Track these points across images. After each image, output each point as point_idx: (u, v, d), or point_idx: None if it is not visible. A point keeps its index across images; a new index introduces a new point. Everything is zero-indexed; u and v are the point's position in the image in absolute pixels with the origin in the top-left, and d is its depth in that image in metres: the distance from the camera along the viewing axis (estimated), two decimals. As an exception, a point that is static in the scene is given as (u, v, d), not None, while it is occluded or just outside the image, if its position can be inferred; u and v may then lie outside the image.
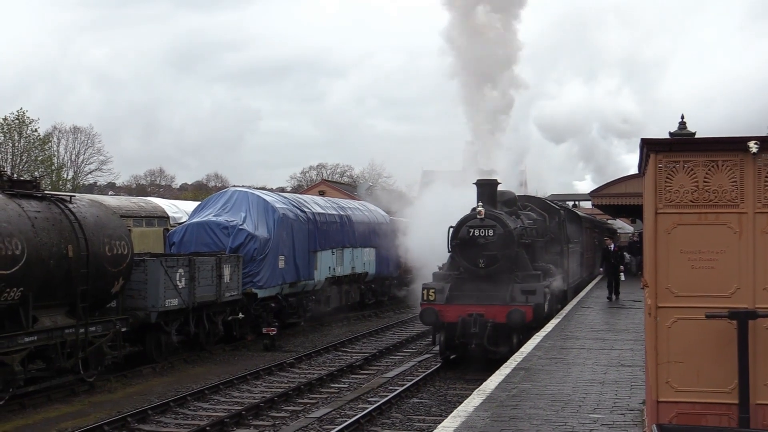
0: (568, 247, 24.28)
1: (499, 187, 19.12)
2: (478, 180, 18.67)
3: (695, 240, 6.96)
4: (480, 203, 18.04)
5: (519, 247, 18.26)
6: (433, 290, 17.79)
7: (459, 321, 17.01)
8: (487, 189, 18.52)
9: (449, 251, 18.46)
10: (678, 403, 6.93)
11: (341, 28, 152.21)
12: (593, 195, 36.16)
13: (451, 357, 18.21)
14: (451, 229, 18.17)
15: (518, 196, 21.65)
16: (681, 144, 7.51)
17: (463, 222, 18.12)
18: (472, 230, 17.94)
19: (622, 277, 25.58)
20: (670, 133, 32.46)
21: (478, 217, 17.88)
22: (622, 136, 61.75)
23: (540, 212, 22.56)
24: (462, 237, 18.01)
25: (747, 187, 6.87)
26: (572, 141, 60.58)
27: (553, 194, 52.14)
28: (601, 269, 33.58)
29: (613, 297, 24.89)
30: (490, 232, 17.83)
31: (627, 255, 36.19)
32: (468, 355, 17.51)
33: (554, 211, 23.41)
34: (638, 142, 7.54)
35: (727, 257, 6.90)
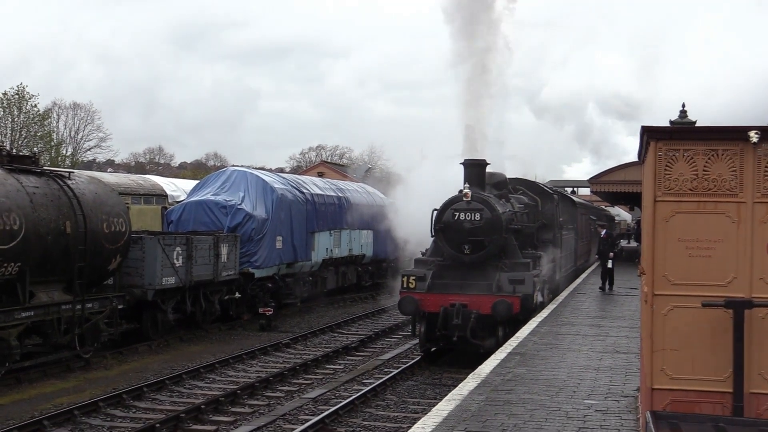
0: (562, 233, 22.97)
1: (489, 168, 17.77)
2: (465, 160, 17.23)
3: (693, 228, 6.95)
4: (467, 185, 16.65)
5: (508, 233, 17.02)
6: (413, 277, 16.50)
7: (441, 311, 15.84)
8: (474, 170, 17.06)
9: (432, 236, 17.17)
10: (672, 391, 6.95)
11: (344, 9, 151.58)
12: (592, 182, 36.20)
13: (432, 350, 17.10)
14: (435, 212, 16.88)
15: (509, 178, 20.22)
16: (681, 132, 7.47)
17: (448, 204, 16.79)
18: (457, 213, 16.59)
19: (609, 264, 24.09)
20: (671, 122, 32.33)
21: (464, 199, 16.55)
22: (622, 117, 61.69)
23: (532, 196, 21.09)
24: (446, 221, 16.67)
25: (746, 177, 6.85)
26: (572, 122, 60.43)
27: (551, 180, 52.08)
28: (596, 256, 33.36)
29: (606, 287, 23.94)
30: (477, 216, 16.51)
31: (622, 242, 35.99)
32: (450, 348, 16.65)
33: (547, 195, 22.07)
34: (638, 126, 7.52)
35: (724, 246, 6.90)
